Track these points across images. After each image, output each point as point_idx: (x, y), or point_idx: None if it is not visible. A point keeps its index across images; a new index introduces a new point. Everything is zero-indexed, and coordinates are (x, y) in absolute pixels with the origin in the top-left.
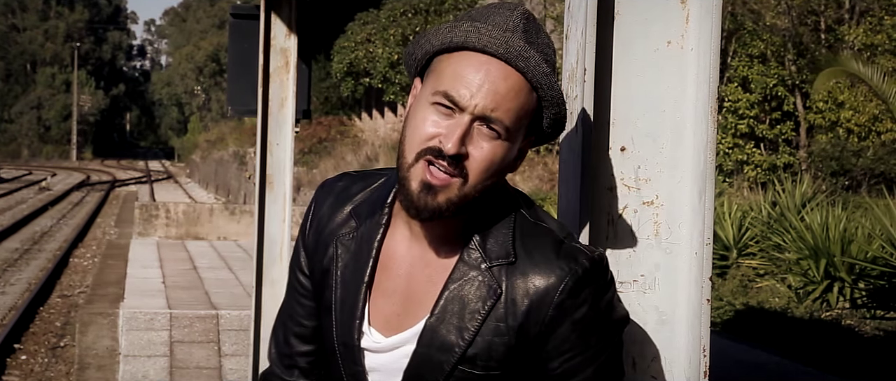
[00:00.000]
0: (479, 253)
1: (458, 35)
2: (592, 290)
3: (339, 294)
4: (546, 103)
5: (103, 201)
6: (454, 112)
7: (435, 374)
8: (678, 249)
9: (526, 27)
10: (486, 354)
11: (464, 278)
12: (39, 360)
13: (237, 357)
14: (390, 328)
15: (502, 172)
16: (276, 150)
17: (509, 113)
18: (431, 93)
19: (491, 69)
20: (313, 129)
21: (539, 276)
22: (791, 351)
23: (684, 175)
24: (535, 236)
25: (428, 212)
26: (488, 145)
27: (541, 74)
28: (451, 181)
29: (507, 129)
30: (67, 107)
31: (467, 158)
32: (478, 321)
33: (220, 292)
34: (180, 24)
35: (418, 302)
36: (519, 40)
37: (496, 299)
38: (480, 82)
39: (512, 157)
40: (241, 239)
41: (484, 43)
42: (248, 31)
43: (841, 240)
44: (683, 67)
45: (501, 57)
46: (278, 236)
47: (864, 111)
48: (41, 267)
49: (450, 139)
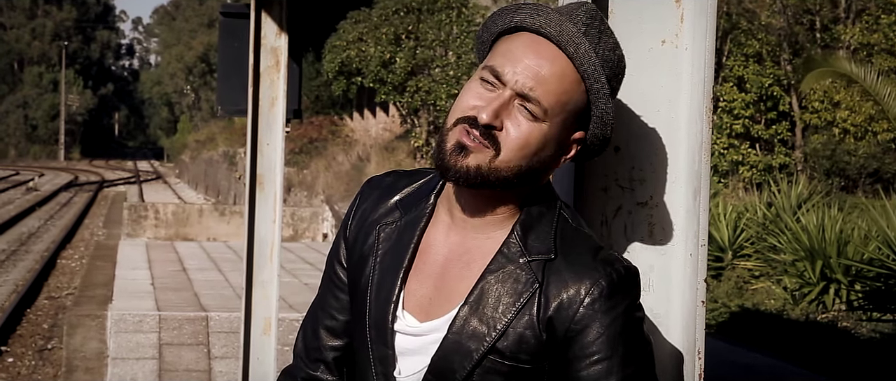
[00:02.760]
0: (519, 247)
1: (519, 15)
2: (625, 299)
3: (377, 278)
4: (593, 97)
5: (91, 201)
6: (497, 87)
7: (463, 361)
8: (672, 250)
9: (589, 22)
10: (516, 346)
11: (502, 270)
12: (26, 363)
13: (227, 360)
14: (424, 314)
15: (542, 161)
16: (266, 150)
17: (550, 95)
18: (481, 68)
19: (541, 49)
20: (304, 129)
21: (575, 275)
22: (787, 354)
23: (679, 176)
24: (576, 239)
25: (457, 172)
26: (526, 124)
27: (589, 64)
28: (483, 149)
29: (546, 111)
30: (55, 106)
31: (504, 132)
32: (512, 313)
33: (209, 293)
34: (170, 23)
35: (454, 290)
36: (574, 28)
37: (532, 294)
38: (527, 61)
39: (552, 146)
40: (230, 240)
41: (539, 23)
42: (238, 30)
43: (837, 241)
44: (678, 67)
45: (553, 39)
46: (268, 237)
47: (860, 111)
48: (28, 268)
49: (485, 110)
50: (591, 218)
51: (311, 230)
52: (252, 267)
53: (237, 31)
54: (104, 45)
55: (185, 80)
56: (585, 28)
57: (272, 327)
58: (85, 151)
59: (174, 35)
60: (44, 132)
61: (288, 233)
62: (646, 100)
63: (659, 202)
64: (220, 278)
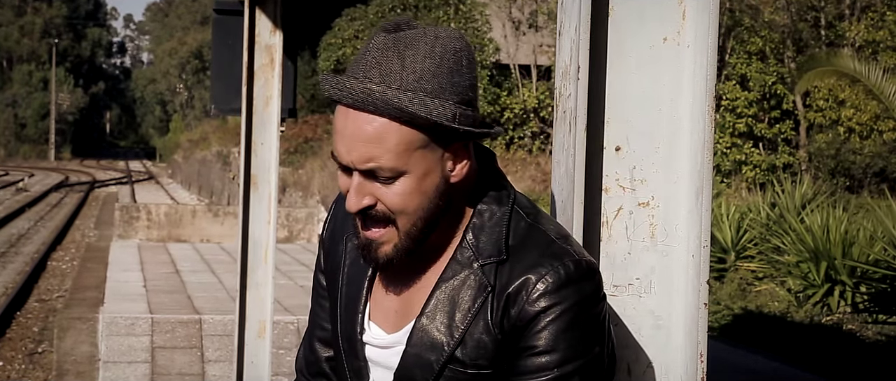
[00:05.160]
0: (471, 252)
1: (325, 90)
2: (574, 293)
3: (345, 290)
4: (425, 120)
5: (82, 202)
6: (347, 171)
7: (425, 373)
8: (674, 251)
9: (380, 58)
10: (475, 352)
11: (455, 277)
12: (16, 366)
13: (220, 363)
14: (391, 325)
15: (437, 194)
16: (260, 149)
17: (388, 154)
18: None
19: (353, 119)
20: (299, 128)
21: (523, 273)
22: (790, 357)
23: (681, 176)
24: (528, 236)
25: (387, 262)
26: (392, 189)
27: (393, 110)
28: (385, 231)
29: (395, 168)
30: (45, 105)
31: (382, 205)
32: (467, 321)
33: (202, 296)
34: (162, 20)
35: (414, 300)
36: (361, 86)
37: (485, 298)
38: (349, 136)
39: (432, 178)
40: (224, 241)
41: (340, 96)
42: (232, 27)
43: (842, 242)
44: (680, 65)
45: (358, 107)
46: (263, 239)
47: (865, 109)
48: (18, 271)
49: (352, 201)
50: (591, 219)
51: (307, 231)
52: (246, 269)
53: (231, 28)
54: (95, 42)
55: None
56: (380, 67)
57: (267, 329)
58: (76, 151)
59: (167, 32)
60: (33, 132)
61: (283, 234)
62: (647, 98)
63: (660, 203)
64: (213, 281)
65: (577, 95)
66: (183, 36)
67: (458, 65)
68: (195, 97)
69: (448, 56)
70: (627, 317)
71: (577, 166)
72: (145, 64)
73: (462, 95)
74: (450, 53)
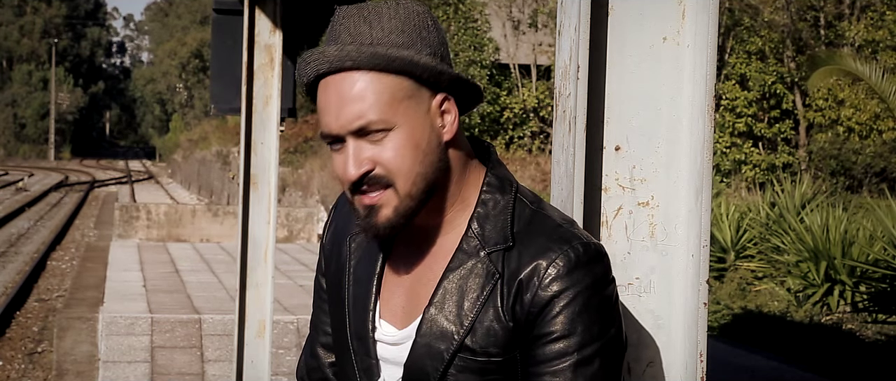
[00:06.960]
0: (477, 241)
1: (299, 76)
2: (585, 276)
3: (353, 289)
4: (402, 66)
5: (82, 202)
6: (340, 144)
7: (435, 363)
8: (674, 251)
9: (347, 24)
10: (485, 340)
11: (462, 266)
12: (16, 366)
13: (220, 363)
14: (400, 321)
15: (432, 150)
16: (260, 149)
17: (373, 109)
18: (321, 138)
19: (335, 86)
20: (299, 128)
21: (532, 258)
22: (790, 356)
23: (680, 175)
24: (533, 223)
25: (384, 229)
26: (385, 146)
27: (369, 57)
28: (384, 193)
29: (386, 121)
30: (44, 105)
31: (380, 167)
32: (476, 309)
33: (202, 295)
34: (162, 20)
35: (422, 293)
36: (335, 49)
37: (494, 286)
38: (334, 104)
39: (423, 132)
40: (224, 241)
41: (315, 70)
42: (231, 26)
43: (842, 242)
44: (679, 64)
45: (335, 71)
46: (263, 238)
47: (865, 109)
48: (18, 270)
49: (346, 170)
50: (590, 219)
51: (306, 231)
52: (246, 269)
53: (231, 28)
54: (95, 42)
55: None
56: (348, 30)
57: (266, 329)
58: (75, 151)
59: (167, 32)
60: (33, 131)
61: (282, 234)
62: (647, 98)
63: (660, 202)
64: (213, 280)
65: (576, 95)
66: (183, 36)
67: (424, 24)
68: (195, 97)
69: (412, 18)
70: (627, 317)
71: (576, 166)
72: (145, 64)
73: (434, 49)
74: (413, 16)
